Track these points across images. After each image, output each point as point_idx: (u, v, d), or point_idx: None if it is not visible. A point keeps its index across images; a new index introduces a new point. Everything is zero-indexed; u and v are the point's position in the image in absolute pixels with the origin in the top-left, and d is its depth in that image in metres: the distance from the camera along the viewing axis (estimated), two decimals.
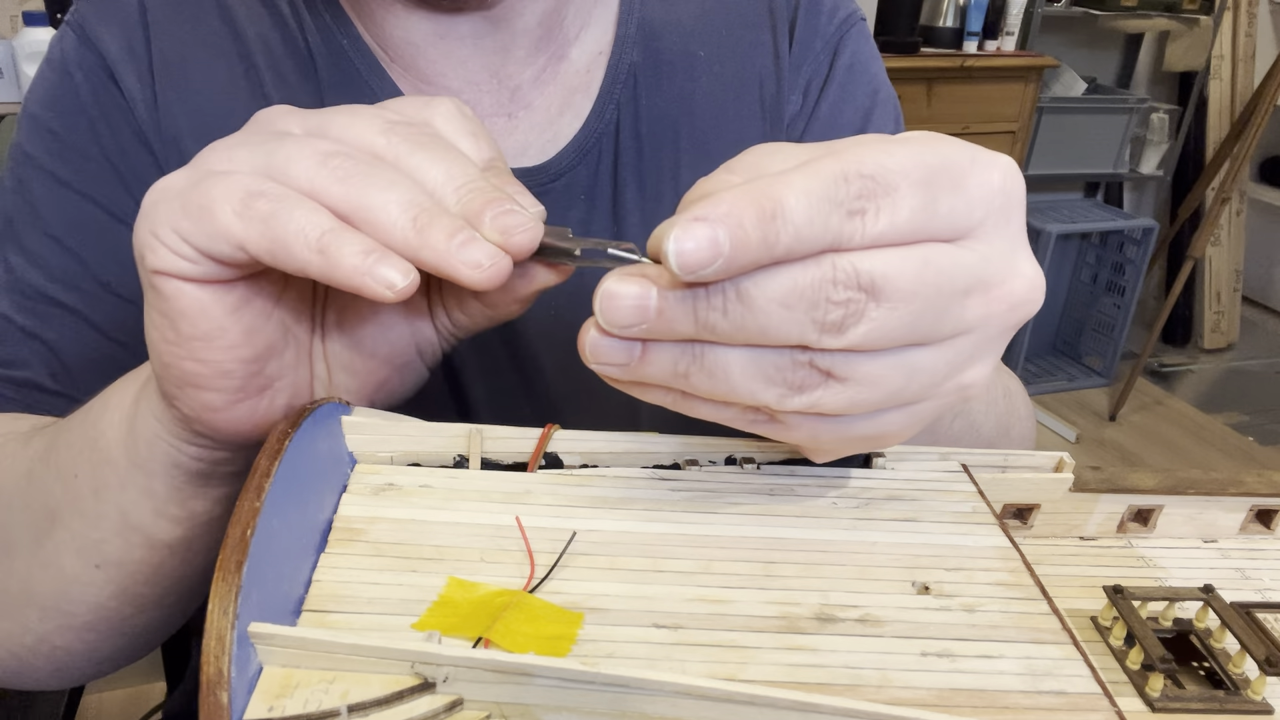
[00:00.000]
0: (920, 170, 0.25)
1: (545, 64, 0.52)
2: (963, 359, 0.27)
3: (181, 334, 0.30)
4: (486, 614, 0.27)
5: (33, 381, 0.47)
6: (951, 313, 0.26)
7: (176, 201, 0.28)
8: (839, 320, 0.24)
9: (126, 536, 0.38)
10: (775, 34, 0.56)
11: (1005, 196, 0.26)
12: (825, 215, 0.24)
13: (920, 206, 0.25)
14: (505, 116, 0.52)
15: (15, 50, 1.54)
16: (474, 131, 0.32)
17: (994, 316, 0.27)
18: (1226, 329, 2.98)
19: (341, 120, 0.30)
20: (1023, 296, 0.27)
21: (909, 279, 0.24)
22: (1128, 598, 0.33)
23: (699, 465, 0.35)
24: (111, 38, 0.49)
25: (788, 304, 0.24)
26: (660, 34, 0.54)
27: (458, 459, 0.35)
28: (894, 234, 0.24)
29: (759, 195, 0.23)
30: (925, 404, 0.28)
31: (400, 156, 0.29)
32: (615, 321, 0.25)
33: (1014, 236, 0.27)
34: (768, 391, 0.26)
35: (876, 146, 0.25)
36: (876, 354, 0.26)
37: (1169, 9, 2.67)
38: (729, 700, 0.23)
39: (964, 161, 0.26)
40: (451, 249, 0.27)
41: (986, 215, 0.26)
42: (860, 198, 0.24)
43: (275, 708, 0.23)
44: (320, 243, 0.27)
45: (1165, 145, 2.79)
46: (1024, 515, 0.39)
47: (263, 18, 0.50)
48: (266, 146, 0.29)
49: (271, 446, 0.28)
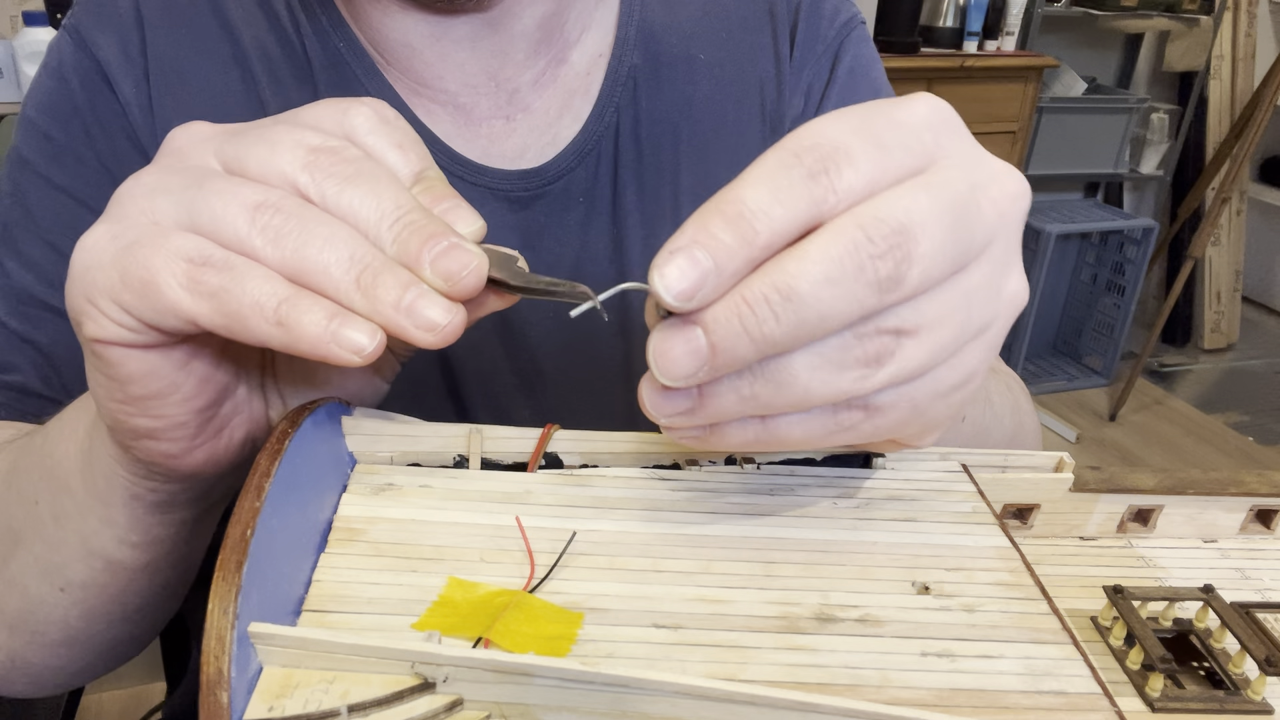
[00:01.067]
0: (855, 120, 0.25)
1: (545, 67, 0.52)
2: (1000, 266, 0.27)
3: (131, 396, 0.29)
4: (486, 614, 0.27)
5: (25, 386, 0.47)
6: (975, 223, 0.26)
7: (112, 270, 0.27)
8: (893, 271, 0.24)
9: (89, 562, 0.37)
10: (776, 38, 0.56)
11: (940, 117, 0.27)
12: (788, 188, 0.24)
13: (873, 150, 0.25)
14: (504, 119, 0.52)
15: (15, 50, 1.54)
16: (399, 142, 0.30)
17: (1005, 213, 0.27)
18: (1226, 329, 2.98)
19: (260, 153, 0.28)
20: (1015, 188, 0.27)
21: (927, 206, 0.24)
22: (1128, 598, 0.33)
23: (699, 465, 0.35)
24: (107, 43, 0.49)
25: (834, 279, 0.23)
26: (660, 37, 0.54)
27: (458, 459, 0.35)
28: (864, 182, 0.24)
29: (718, 203, 0.24)
30: (992, 327, 0.28)
31: (326, 196, 0.27)
32: (677, 374, 0.24)
33: (970, 144, 0.27)
34: (846, 378, 0.25)
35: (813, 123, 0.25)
36: (933, 291, 0.25)
37: (1169, 9, 2.67)
38: (729, 700, 0.23)
39: (888, 105, 0.26)
40: (401, 311, 0.26)
41: (935, 137, 0.26)
42: (816, 161, 0.24)
43: (275, 708, 0.23)
44: (278, 314, 0.26)
45: (1165, 145, 2.79)
46: (1024, 515, 0.39)
47: (259, 21, 0.50)
48: (187, 195, 0.27)
49: (271, 446, 0.28)
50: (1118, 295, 2.62)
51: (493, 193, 0.51)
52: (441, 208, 0.29)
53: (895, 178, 0.25)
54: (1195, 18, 2.72)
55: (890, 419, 0.27)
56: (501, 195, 0.51)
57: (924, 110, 0.26)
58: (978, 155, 0.27)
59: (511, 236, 0.51)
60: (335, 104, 0.30)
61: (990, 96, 2.33)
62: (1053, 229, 2.46)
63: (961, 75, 2.27)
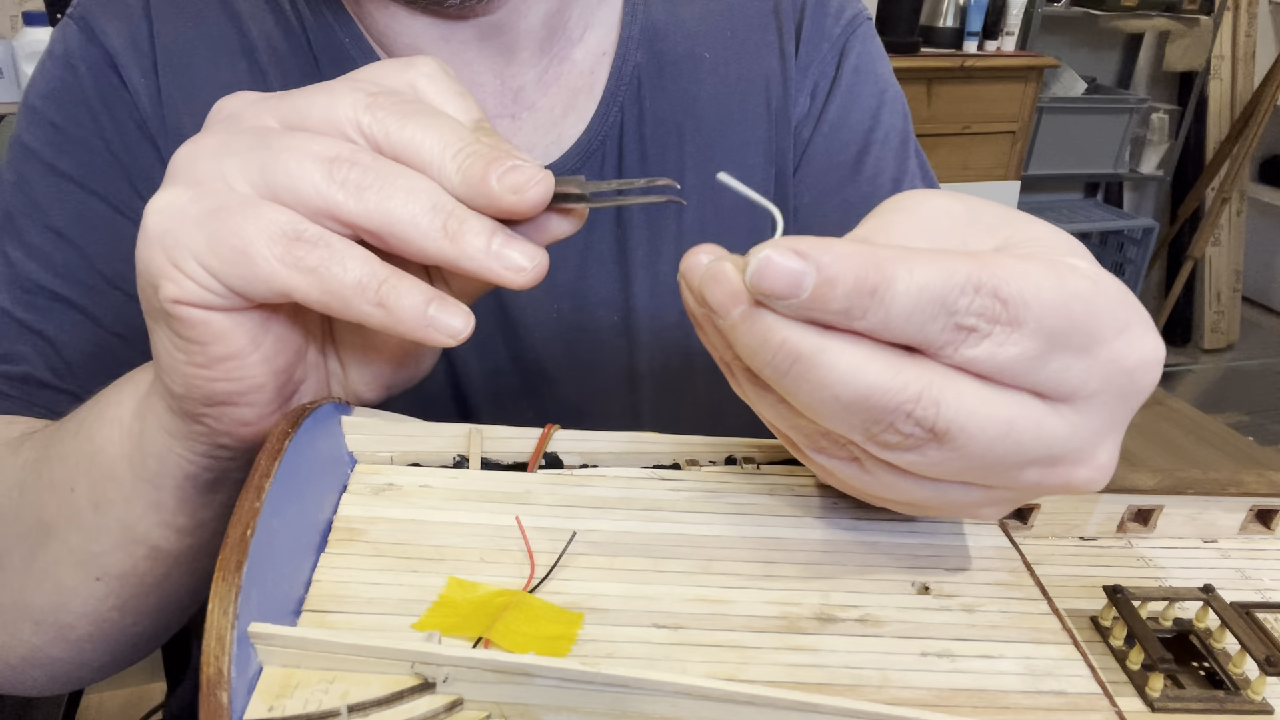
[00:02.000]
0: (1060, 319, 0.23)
1: (548, 65, 0.52)
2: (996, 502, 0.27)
3: (212, 357, 0.29)
4: (486, 614, 0.27)
5: (32, 377, 0.47)
6: (1004, 476, 0.25)
7: (198, 232, 0.27)
8: (891, 443, 0.23)
9: (129, 549, 0.37)
10: (781, 36, 0.56)
11: (1132, 381, 0.24)
12: (928, 318, 0.22)
13: (1034, 355, 0.23)
14: (509, 118, 0.52)
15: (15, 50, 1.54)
16: (460, 91, 0.31)
17: (1043, 487, 0.26)
18: (1226, 329, 2.98)
19: (321, 103, 0.28)
20: (1081, 483, 0.26)
21: (982, 441, 0.23)
22: (1128, 598, 0.33)
23: (699, 465, 0.35)
24: (115, 31, 0.48)
25: (849, 408, 0.23)
26: (665, 35, 0.54)
27: (458, 459, 0.35)
28: (989, 367, 0.23)
29: (872, 263, 0.22)
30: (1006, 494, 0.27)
31: (390, 133, 0.28)
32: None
33: (1113, 422, 0.25)
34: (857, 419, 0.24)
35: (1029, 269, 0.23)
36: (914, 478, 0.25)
37: (1169, 9, 2.67)
38: (729, 700, 0.23)
39: (1111, 327, 0.24)
40: (491, 255, 0.27)
41: (1101, 390, 0.24)
42: (978, 316, 0.22)
43: (275, 708, 0.23)
44: (379, 295, 0.27)
45: (1165, 145, 2.79)
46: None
47: (266, 15, 0.50)
48: (257, 156, 0.27)
49: (271, 446, 0.28)
50: None
51: None
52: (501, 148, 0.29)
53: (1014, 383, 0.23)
54: (1195, 18, 2.72)
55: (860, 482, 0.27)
56: None
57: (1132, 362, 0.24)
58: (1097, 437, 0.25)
59: None
60: (397, 61, 0.31)
61: (990, 96, 2.32)
62: None
63: (961, 75, 2.26)
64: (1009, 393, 0.23)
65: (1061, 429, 0.24)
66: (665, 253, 0.53)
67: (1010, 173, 2.40)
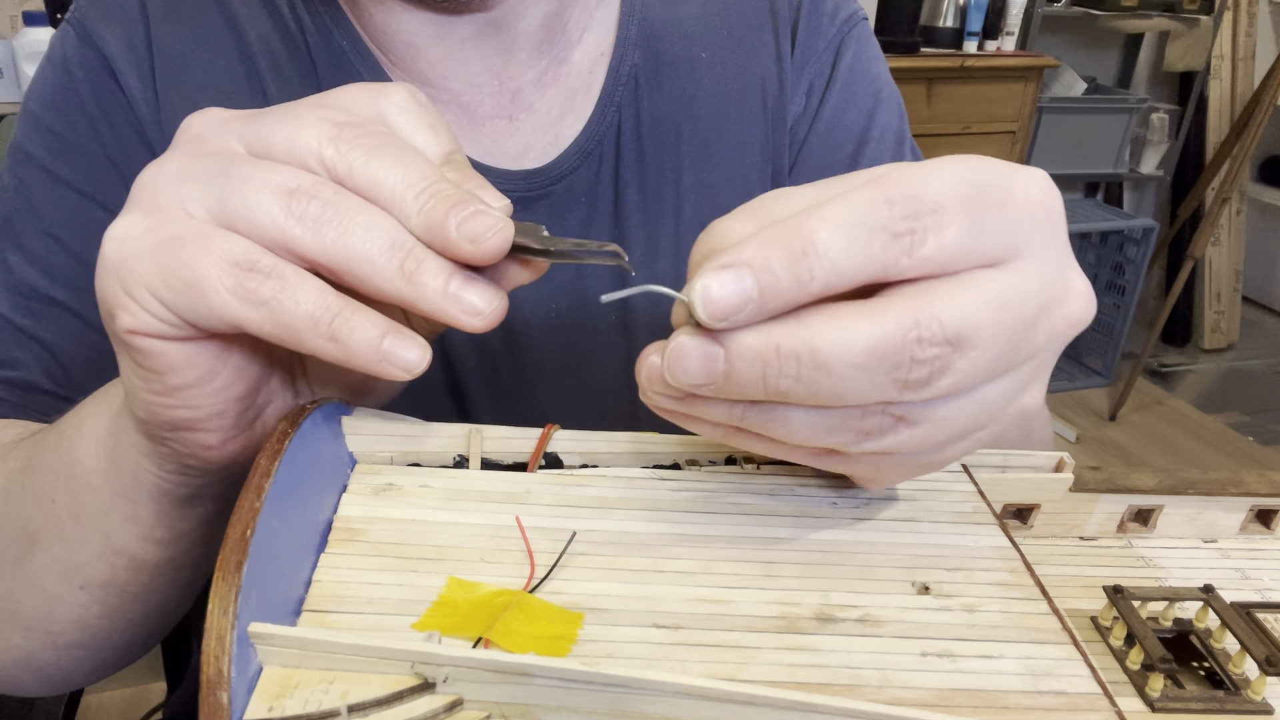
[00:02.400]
0: (964, 186, 0.24)
1: (547, 66, 0.52)
2: (1025, 383, 0.27)
3: (169, 386, 0.29)
4: (486, 614, 0.27)
5: (29, 382, 0.47)
6: (1025, 345, 0.25)
7: (150, 263, 0.26)
8: (924, 377, 0.23)
9: (110, 560, 0.37)
10: (777, 36, 0.56)
11: (1047, 210, 0.26)
12: (865, 242, 0.23)
13: (969, 224, 0.24)
14: (506, 119, 0.52)
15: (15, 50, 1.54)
16: (431, 123, 0.30)
17: (1056, 337, 0.26)
18: (1226, 329, 2.98)
19: (286, 131, 0.28)
20: (1080, 314, 0.26)
21: (990, 324, 0.23)
22: (1128, 598, 0.33)
23: (699, 465, 0.35)
24: (113, 36, 0.48)
25: (868, 367, 0.23)
26: (662, 35, 0.54)
27: (458, 459, 0.35)
28: (945, 256, 0.23)
29: (787, 234, 0.23)
30: (986, 430, 0.27)
31: (353, 168, 0.27)
32: (684, 380, 0.24)
33: (1061, 251, 0.26)
34: (834, 439, 0.25)
35: (915, 169, 0.24)
36: (953, 396, 0.25)
37: (1169, 9, 2.67)
38: (729, 700, 0.23)
39: (1003, 178, 0.25)
40: (447, 297, 0.27)
41: (1033, 231, 0.25)
42: (907, 218, 0.23)
43: (275, 708, 0.23)
44: (331, 330, 0.26)
45: (1165, 145, 2.79)
46: (1024, 515, 0.39)
47: (263, 19, 0.50)
48: (216, 185, 0.27)
49: (271, 446, 0.28)
50: (1118, 295, 2.62)
51: None
52: (469, 185, 0.29)
53: (972, 262, 0.24)
54: (1195, 18, 2.72)
55: (853, 468, 0.29)
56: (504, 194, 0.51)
57: (1037, 195, 0.25)
58: (1060, 266, 0.26)
59: None
60: (369, 87, 0.30)
61: (990, 96, 2.32)
62: None
63: (961, 75, 2.26)
64: (976, 275, 0.24)
65: (1030, 279, 0.25)
66: (663, 252, 0.53)
67: None
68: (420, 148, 0.29)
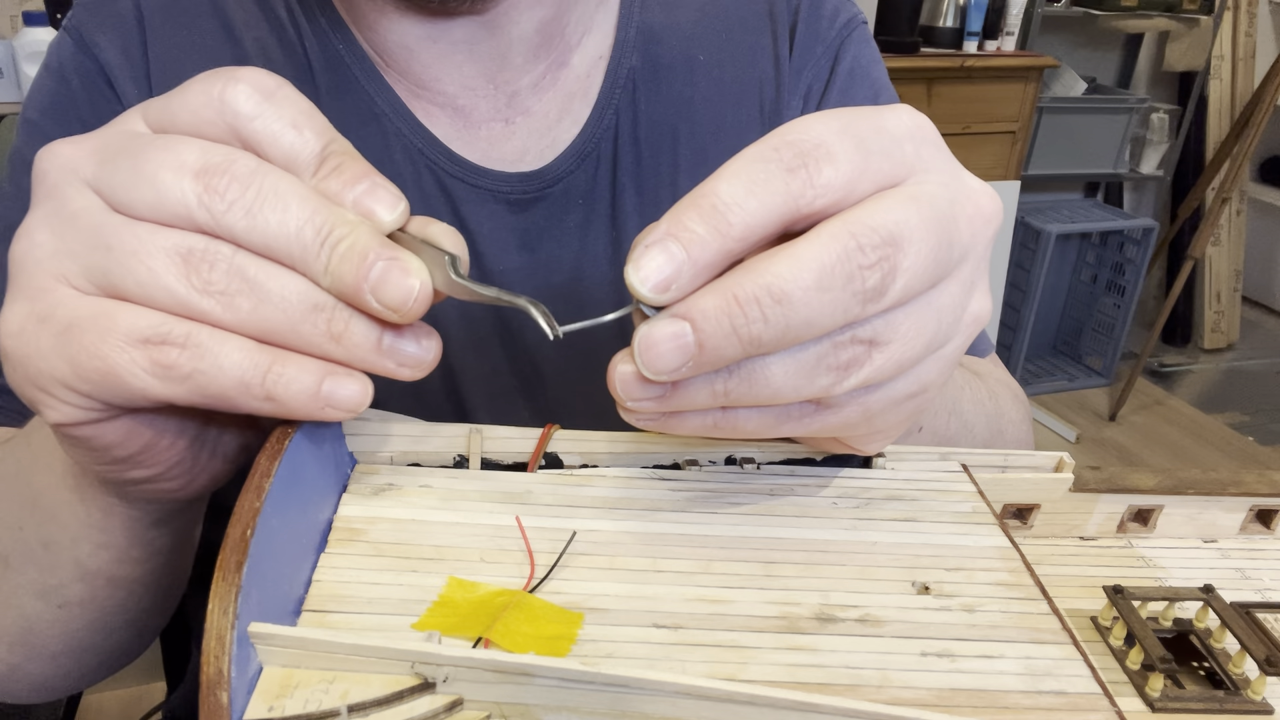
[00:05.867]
0: (838, 122, 0.25)
1: (545, 71, 0.52)
2: (968, 285, 0.27)
3: (117, 458, 0.29)
4: (486, 614, 0.27)
5: None
6: (954, 241, 0.26)
7: (57, 359, 0.25)
8: (878, 283, 0.24)
9: (88, 581, 0.37)
10: (776, 38, 0.56)
11: (923, 131, 0.27)
12: (764, 182, 0.24)
13: (855, 150, 0.25)
14: (502, 122, 0.52)
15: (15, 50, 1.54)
16: (292, 120, 0.26)
17: (978, 233, 0.27)
18: (1226, 329, 2.98)
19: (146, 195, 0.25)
20: (989, 209, 0.28)
21: (917, 219, 0.24)
22: (1128, 598, 0.33)
23: (699, 465, 0.35)
24: (109, 43, 0.48)
25: (824, 286, 0.23)
26: (660, 38, 0.54)
27: (458, 459, 0.35)
28: (843, 180, 0.24)
29: (694, 198, 0.24)
30: (952, 343, 0.28)
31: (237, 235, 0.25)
32: (661, 367, 0.24)
33: (950, 161, 0.27)
34: (816, 383, 0.26)
35: (793, 121, 0.25)
36: (908, 305, 0.26)
37: (1169, 9, 2.67)
38: (729, 700, 0.23)
39: (871, 113, 0.26)
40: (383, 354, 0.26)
41: (917, 148, 0.26)
42: (795, 156, 0.24)
43: (275, 708, 0.23)
44: (265, 389, 0.25)
45: (1165, 145, 2.79)
46: (1024, 515, 0.39)
47: (259, 23, 0.50)
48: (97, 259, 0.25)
49: (271, 446, 0.28)
50: (1118, 295, 2.62)
51: (492, 195, 0.51)
52: (357, 191, 0.26)
53: (874, 183, 0.25)
54: (1195, 18, 2.72)
55: (840, 419, 0.28)
56: (501, 198, 0.51)
57: (907, 121, 0.27)
58: (956, 172, 0.27)
59: (510, 239, 0.51)
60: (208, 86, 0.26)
61: (990, 96, 2.32)
62: (1053, 229, 2.46)
63: (961, 75, 2.26)
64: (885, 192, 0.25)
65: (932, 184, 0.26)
66: None
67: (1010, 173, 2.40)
68: (292, 156, 0.26)
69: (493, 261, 0.51)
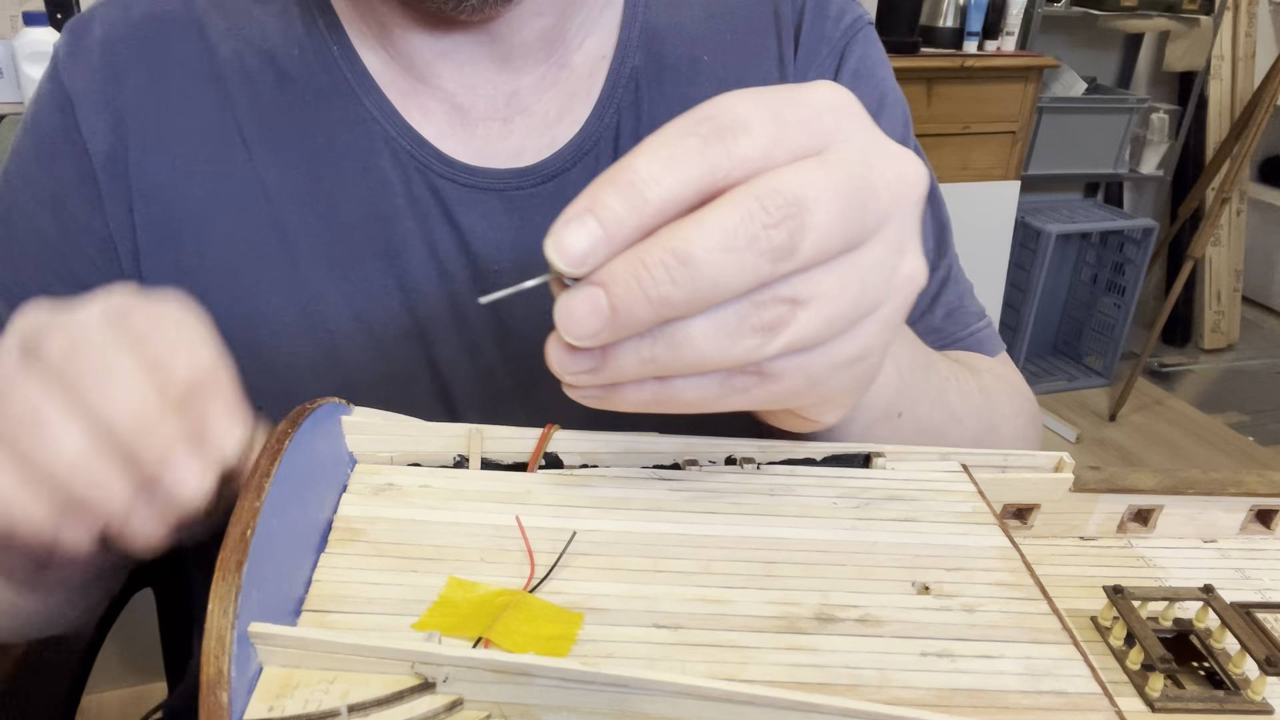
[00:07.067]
0: (759, 97, 0.26)
1: (545, 72, 0.52)
2: (896, 247, 0.28)
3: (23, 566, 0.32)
4: (486, 614, 0.27)
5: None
6: (870, 203, 0.26)
7: None
8: (786, 241, 0.25)
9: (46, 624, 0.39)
10: (780, 39, 0.56)
11: (845, 104, 0.27)
12: (681, 155, 0.25)
13: (773, 122, 0.25)
14: (501, 121, 0.52)
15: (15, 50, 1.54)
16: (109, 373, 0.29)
17: (900, 197, 0.28)
18: (1226, 329, 2.97)
19: None
20: (914, 173, 0.28)
21: (824, 182, 0.25)
22: (1128, 598, 0.33)
23: (699, 465, 0.35)
24: (80, 75, 0.49)
25: (729, 246, 0.24)
26: (664, 38, 0.54)
27: (458, 459, 0.35)
28: (759, 149, 0.25)
29: (612, 173, 0.25)
30: (887, 305, 0.28)
31: None
32: (580, 332, 0.25)
33: (874, 131, 0.28)
34: (742, 345, 0.26)
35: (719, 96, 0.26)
36: (828, 264, 0.26)
37: (1169, 9, 2.67)
38: (729, 700, 0.23)
39: (793, 89, 0.27)
40: None
41: (838, 120, 0.27)
42: (714, 130, 0.25)
43: (275, 708, 0.23)
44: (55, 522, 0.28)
45: (1165, 145, 2.79)
46: (1024, 515, 0.39)
47: (240, 31, 0.50)
48: None
49: (271, 446, 0.28)
50: (1118, 295, 2.62)
51: (485, 192, 0.51)
52: None
53: (792, 153, 0.26)
54: (1195, 18, 2.71)
55: (784, 386, 0.28)
56: (494, 193, 0.51)
57: (827, 95, 0.27)
58: (876, 140, 0.28)
59: (505, 238, 0.51)
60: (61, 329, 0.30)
61: (990, 96, 2.32)
62: (1053, 229, 2.46)
63: (961, 75, 2.26)
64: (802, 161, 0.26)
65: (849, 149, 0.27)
66: None
67: (1010, 173, 2.40)
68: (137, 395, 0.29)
69: (487, 262, 0.51)
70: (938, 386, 0.45)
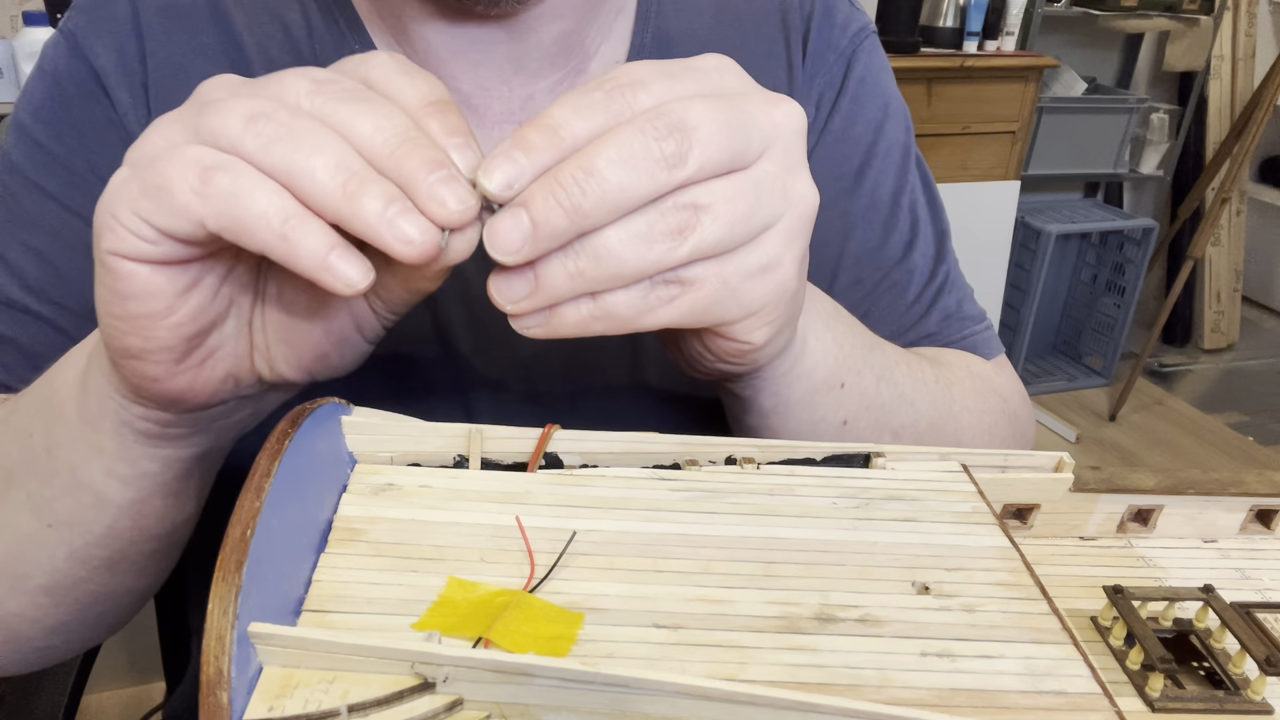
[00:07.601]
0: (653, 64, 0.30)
1: (562, 78, 0.52)
2: (785, 167, 0.31)
3: (129, 312, 0.30)
4: (486, 614, 0.27)
5: (4, 384, 0.47)
6: (750, 127, 0.30)
7: (133, 183, 0.28)
8: (676, 150, 0.28)
9: (76, 495, 0.38)
10: (788, 46, 0.56)
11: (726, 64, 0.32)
12: (589, 106, 0.29)
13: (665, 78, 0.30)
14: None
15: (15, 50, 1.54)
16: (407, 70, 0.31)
17: (779, 124, 0.31)
18: (1226, 329, 2.98)
19: (270, 84, 0.30)
20: (787, 106, 0.32)
21: (704, 108, 0.29)
22: (1128, 598, 0.33)
23: (699, 465, 0.35)
24: (104, 49, 0.48)
25: (625, 159, 0.28)
26: (676, 44, 0.54)
27: (458, 459, 0.35)
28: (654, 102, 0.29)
29: (533, 120, 0.29)
30: (785, 217, 0.32)
31: (326, 113, 0.28)
32: (507, 248, 0.28)
33: (749, 84, 0.32)
34: (655, 249, 0.29)
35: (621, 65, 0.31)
36: (726, 177, 0.30)
37: (1169, 9, 2.67)
38: (729, 700, 0.23)
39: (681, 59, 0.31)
40: (383, 220, 0.27)
41: (722, 76, 0.31)
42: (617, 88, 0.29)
43: (275, 708, 0.23)
44: (284, 229, 0.27)
45: (1165, 145, 2.79)
46: (1024, 515, 0.39)
47: (264, 26, 0.50)
48: (193, 116, 0.29)
49: (271, 446, 0.28)
50: (1118, 295, 2.62)
51: None
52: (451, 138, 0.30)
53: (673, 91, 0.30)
54: (1195, 18, 2.72)
55: (704, 293, 0.31)
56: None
57: (713, 60, 0.32)
58: (755, 87, 0.32)
59: None
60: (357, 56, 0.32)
61: (990, 96, 2.32)
62: (1053, 229, 2.46)
63: (961, 75, 2.26)
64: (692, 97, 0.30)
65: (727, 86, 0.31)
66: None
67: (1010, 173, 2.40)
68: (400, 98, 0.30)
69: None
70: (882, 365, 0.46)
